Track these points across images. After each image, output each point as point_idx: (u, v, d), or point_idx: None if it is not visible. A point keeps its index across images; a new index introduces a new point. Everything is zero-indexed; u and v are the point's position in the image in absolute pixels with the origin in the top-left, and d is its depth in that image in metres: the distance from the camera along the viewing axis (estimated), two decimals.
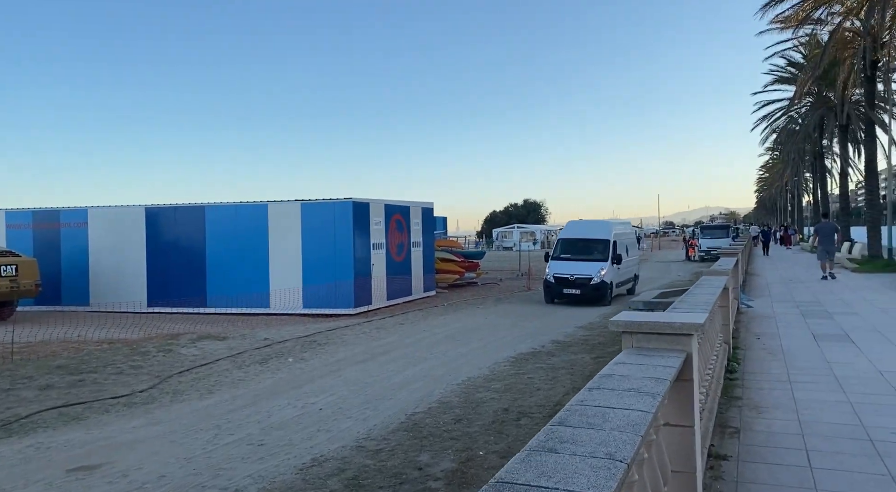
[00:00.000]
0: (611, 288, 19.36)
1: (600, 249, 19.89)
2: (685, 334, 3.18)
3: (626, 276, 21.51)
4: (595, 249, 20.03)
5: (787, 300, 14.77)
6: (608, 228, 20.73)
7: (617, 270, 19.94)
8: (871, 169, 27.88)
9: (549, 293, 19.93)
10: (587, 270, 19.21)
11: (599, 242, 20.17)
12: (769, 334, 10.06)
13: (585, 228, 21.48)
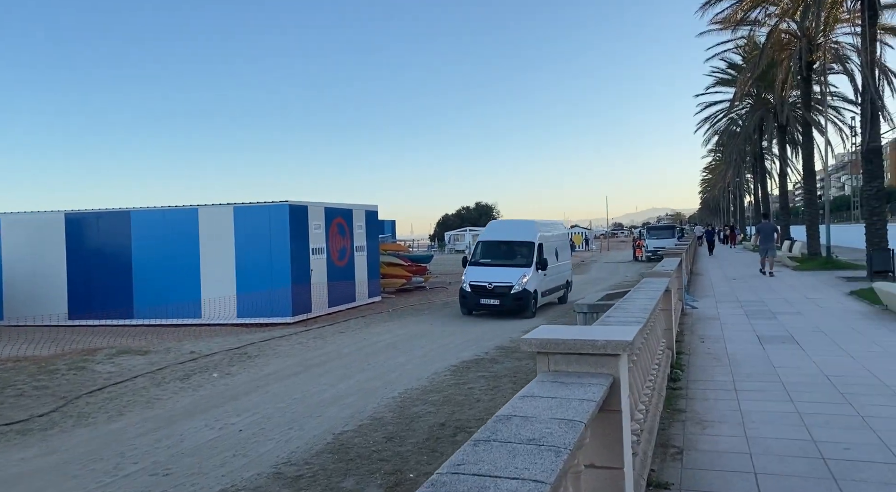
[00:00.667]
0: (535, 297, 17.38)
1: (524, 253, 17.89)
2: (611, 355, 2.60)
3: (556, 283, 19.47)
4: (518, 253, 18.05)
5: (731, 300, 14.62)
6: (532, 229, 18.57)
7: (543, 276, 17.97)
8: (808, 169, 28.47)
9: (465, 304, 17.70)
10: (507, 277, 17.07)
11: (523, 245, 18.12)
12: (714, 337, 9.73)
13: (507, 229, 19.22)
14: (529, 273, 17.21)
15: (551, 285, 18.87)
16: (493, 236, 18.99)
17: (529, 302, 17.04)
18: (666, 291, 7.62)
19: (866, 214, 18.90)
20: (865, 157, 18.37)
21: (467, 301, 17.60)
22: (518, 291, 16.90)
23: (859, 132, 22.70)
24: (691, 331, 10.46)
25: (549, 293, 18.79)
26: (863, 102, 18.01)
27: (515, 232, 18.69)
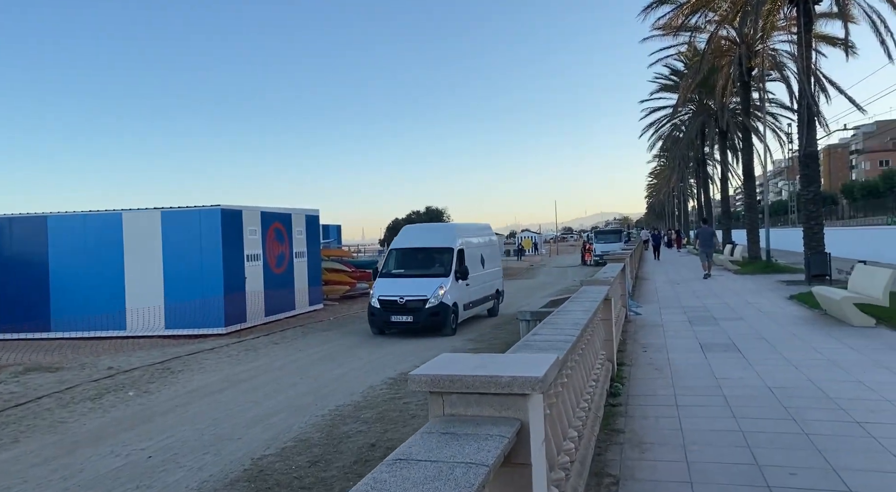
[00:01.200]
0: (455, 311, 15.39)
1: (442, 262, 15.91)
2: (519, 395, 2.07)
3: (482, 293, 17.46)
4: (435, 261, 16.06)
5: (675, 306, 14.48)
6: (451, 234, 16.64)
7: (465, 287, 16.00)
8: (748, 173, 29.01)
9: (374, 322, 15.46)
10: (422, 289, 15.05)
11: (440, 253, 16.12)
12: (656, 346, 9.43)
13: (423, 235, 17.11)
14: (447, 284, 15.24)
15: (476, 297, 16.97)
16: (406, 243, 16.86)
17: (448, 317, 15.01)
18: (605, 300, 7.23)
19: (804, 218, 19.19)
20: (802, 161, 18.64)
21: (376, 319, 15.35)
22: (434, 305, 14.84)
23: (796, 138, 23.19)
24: (634, 339, 10.14)
25: (475, 306, 16.91)
26: (799, 108, 18.29)
27: (432, 238, 16.72)
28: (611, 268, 10.84)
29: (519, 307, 15.99)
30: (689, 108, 42.16)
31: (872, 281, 10.73)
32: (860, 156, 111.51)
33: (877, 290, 10.31)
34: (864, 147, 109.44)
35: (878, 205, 73.48)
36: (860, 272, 11.75)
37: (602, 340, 7.09)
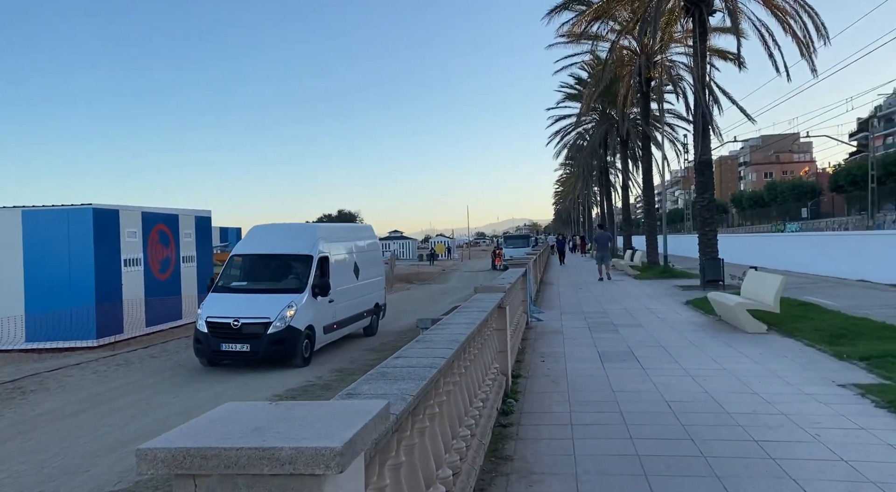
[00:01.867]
0: (310, 336, 12.16)
1: (297, 273, 12.69)
2: (309, 476, 1.37)
3: (353, 310, 14.30)
4: (288, 272, 12.88)
5: (576, 311, 14.30)
6: (311, 236, 13.23)
7: (327, 305, 12.83)
8: (647, 181, 29.87)
9: (201, 351, 12.04)
10: (263, 309, 11.80)
11: (296, 261, 12.88)
12: (555, 355, 9.02)
13: (275, 237, 13.60)
14: (300, 301, 12.01)
15: (345, 315, 13.81)
16: (251, 248, 13.39)
17: (297, 344, 11.71)
18: (499, 308, 6.68)
19: (699, 224, 19.73)
20: (698, 169, 19.16)
21: (203, 347, 11.93)
22: (279, 329, 11.54)
23: (692, 148, 24.00)
24: (533, 348, 9.72)
25: (342, 326, 13.76)
26: (695, 117, 18.79)
27: (285, 242, 13.27)
28: (510, 274, 10.39)
29: (427, 314, 15.31)
30: (593, 118, 43.24)
31: (763, 287, 10.86)
32: (747, 167, 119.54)
33: (768, 296, 10.42)
34: (750, 159, 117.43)
35: (764, 214, 78.87)
36: (752, 278, 11.94)
37: (495, 351, 6.53)
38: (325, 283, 12.71)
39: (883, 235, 23.67)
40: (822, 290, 17.49)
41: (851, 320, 10.41)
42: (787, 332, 10.09)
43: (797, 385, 6.69)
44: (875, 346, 8.36)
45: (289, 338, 11.68)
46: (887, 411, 5.59)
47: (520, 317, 10.79)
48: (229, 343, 11.73)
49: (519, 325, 10.25)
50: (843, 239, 25.13)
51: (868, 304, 14.07)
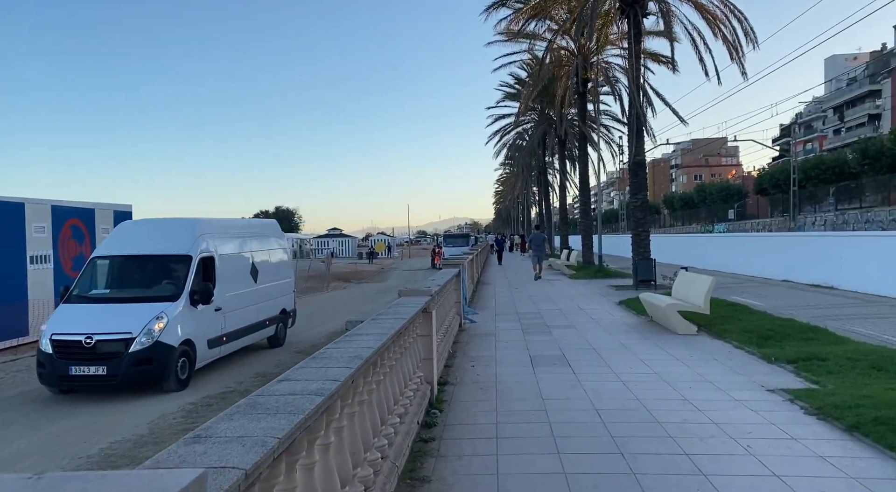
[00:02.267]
0: (186, 354, 9.86)
1: (171, 277, 10.48)
2: None
3: (251, 319, 12.11)
4: (161, 276, 10.69)
5: (510, 312, 14.06)
6: (190, 233, 10.93)
7: (212, 314, 10.65)
8: (583, 181, 30.15)
9: (45, 377, 9.67)
10: (124, 321, 9.56)
11: (171, 263, 10.65)
12: (486, 359, 8.68)
13: (146, 235, 11.27)
14: (174, 311, 9.80)
15: (239, 324, 11.65)
16: (115, 249, 11.03)
17: (169, 364, 9.47)
18: (424, 313, 6.26)
19: (632, 224, 19.90)
20: (632, 169, 19.32)
21: (46, 372, 9.58)
22: (144, 346, 9.35)
23: (626, 150, 24.27)
24: (464, 352, 9.36)
25: (236, 338, 11.61)
26: (629, 118, 18.93)
27: (157, 240, 10.99)
28: (441, 275, 10.00)
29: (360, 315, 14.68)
30: (532, 117, 43.51)
31: (694, 288, 10.86)
32: (679, 170, 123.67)
33: (698, 298, 10.41)
34: (682, 162, 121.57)
35: (694, 215, 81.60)
36: (683, 279, 11.96)
37: (419, 359, 6.12)
38: (207, 288, 10.47)
39: (804, 237, 24.58)
40: (749, 290, 17.93)
41: (778, 321, 10.52)
42: (717, 333, 10.09)
43: (727, 391, 6.56)
44: (801, 348, 8.40)
45: (158, 357, 9.42)
46: (816, 418, 5.48)
47: (452, 320, 10.43)
48: (80, 366, 9.34)
49: (451, 328, 9.88)
50: (769, 240, 26.00)
51: (792, 304, 14.42)
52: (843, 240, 18.04)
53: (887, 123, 67.54)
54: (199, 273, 10.50)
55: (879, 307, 13.51)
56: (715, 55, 20.26)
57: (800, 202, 51.65)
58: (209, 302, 10.53)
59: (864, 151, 50.32)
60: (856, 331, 10.37)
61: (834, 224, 43.39)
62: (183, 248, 10.69)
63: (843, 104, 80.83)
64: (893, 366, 6.95)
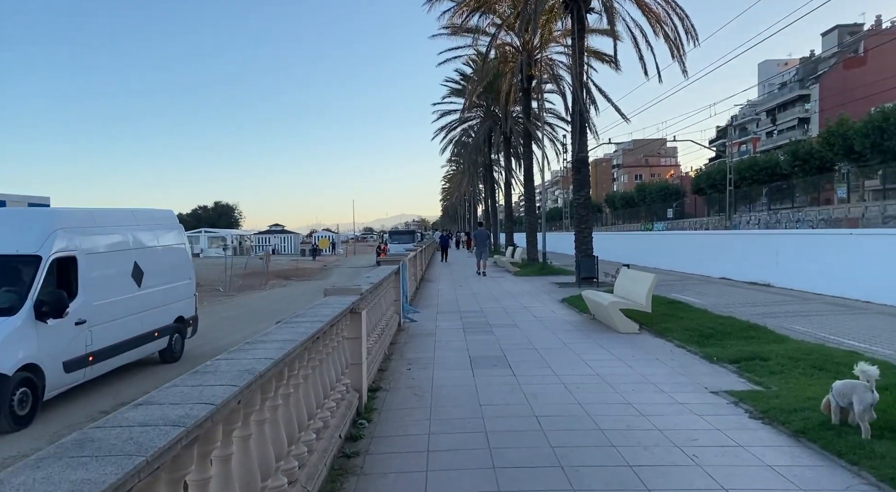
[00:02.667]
0: (30, 383, 7.78)
1: (10, 283, 8.41)
2: None
3: (129, 332, 10.01)
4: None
5: (452, 310, 13.66)
6: (41, 227, 8.81)
7: (71, 329, 8.59)
8: (528, 178, 30.09)
9: None
10: None
11: (12, 265, 8.57)
12: (424, 361, 8.23)
13: None
14: (9, 328, 7.75)
15: (115, 339, 9.62)
16: None
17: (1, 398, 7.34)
18: (352, 314, 5.75)
19: (575, 222, 19.84)
20: (575, 166, 19.23)
21: None
22: None
23: (570, 148, 24.25)
24: (402, 353, 8.88)
25: (109, 356, 9.52)
26: (573, 115, 18.82)
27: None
28: (378, 272, 9.48)
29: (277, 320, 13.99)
30: (478, 114, 43.35)
31: (636, 286, 10.70)
32: (620, 170, 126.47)
33: (640, 295, 10.23)
34: (623, 162, 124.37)
35: (634, 213, 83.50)
36: (625, 277, 11.81)
37: (345, 365, 5.61)
38: (59, 297, 8.25)
39: (741, 236, 25.14)
40: (690, 288, 18.10)
41: (719, 320, 10.46)
42: (659, 331, 9.94)
43: (671, 393, 6.31)
44: (743, 347, 8.28)
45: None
46: (762, 422, 5.25)
47: (390, 319, 9.94)
48: None
49: (388, 328, 9.39)
50: (707, 239, 26.51)
51: (731, 301, 14.54)
52: (779, 238, 18.47)
53: (816, 126, 70.56)
54: (51, 278, 8.42)
55: (814, 305, 13.76)
56: (657, 53, 20.45)
57: (735, 202, 53.33)
58: (63, 315, 8.37)
59: (795, 153, 52.38)
60: (794, 329, 10.42)
61: (767, 223, 44.95)
62: (30, 245, 8.53)
63: (776, 107, 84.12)
64: (833, 365, 6.85)
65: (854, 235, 14.40)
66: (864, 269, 13.82)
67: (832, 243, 15.41)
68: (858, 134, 43.32)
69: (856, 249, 14.18)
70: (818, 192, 50.67)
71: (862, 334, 9.92)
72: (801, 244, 16.98)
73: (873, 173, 47.68)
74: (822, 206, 45.03)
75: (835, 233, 17.20)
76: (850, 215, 35.16)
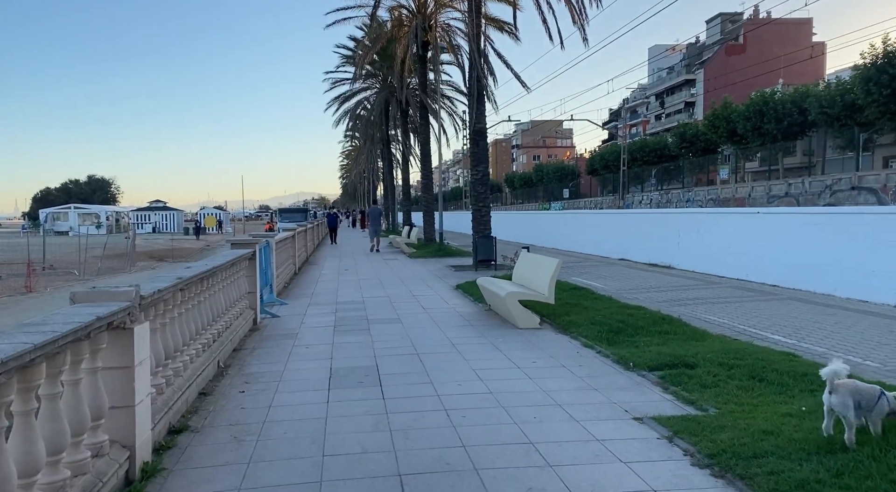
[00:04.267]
0: None
1: None
2: None
3: None
4: None
5: (329, 301, 11.71)
6: None
7: None
8: (425, 153, 28.33)
9: None
10: None
11: None
12: (267, 378, 6.29)
13: None
14: None
15: None
16: None
17: None
18: (116, 329, 3.72)
19: (472, 199, 18.30)
20: (472, 138, 17.63)
21: None
22: None
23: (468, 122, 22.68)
24: (243, 364, 6.87)
25: None
26: (470, 80, 17.14)
27: None
28: (217, 258, 7.34)
29: None
30: (374, 85, 40.99)
31: (537, 273, 9.22)
32: (519, 150, 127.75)
33: (542, 284, 8.75)
34: (521, 143, 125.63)
35: (532, 193, 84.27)
36: (525, 261, 10.33)
37: (103, 410, 3.60)
38: None
39: (640, 215, 24.63)
40: (589, 270, 17.10)
41: (627, 310, 9.17)
42: (563, 326, 8.52)
43: (584, 422, 4.76)
44: (660, 347, 6.94)
45: None
46: (712, 476, 3.77)
47: (235, 319, 7.87)
48: None
49: (230, 332, 7.33)
50: (606, 218, 25.86)
51: (635, 286, 13.53)
52: (681, 218, 17.77)
53: (700, 109, 73.54)
54: None
55: (721, 290, 12.91)
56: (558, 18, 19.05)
57: (627, 182, 54.31)
58: None
59: (683, 135, 53.93)
60: (709, 319, 9.34)
61: (659, 202, 45.84)
62: None
63: (664, 91, 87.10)
64: (774, 374, 5.60)
65: (762, 214, 13.72)
66: (773, 250, 13.13)
67: (736, 223, 14.71)
68: (741, 117, 44.89)
69: (764, 229, 13.45)
70: (704, 173, 52.50)
71: (784, 327, 8.94)
72: (703, 224, 16.26)
73: (752, 155, 49.90)
74: (708, 186, 46.48)
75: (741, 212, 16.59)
76: (737, 195, 36.15)
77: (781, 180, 34.97)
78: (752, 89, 51.58)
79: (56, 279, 26.73)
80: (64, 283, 25.30)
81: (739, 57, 72.28)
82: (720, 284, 13.58)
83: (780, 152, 44.76)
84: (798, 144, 47.38)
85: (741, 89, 56.06)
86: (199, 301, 6.15)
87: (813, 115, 39.68)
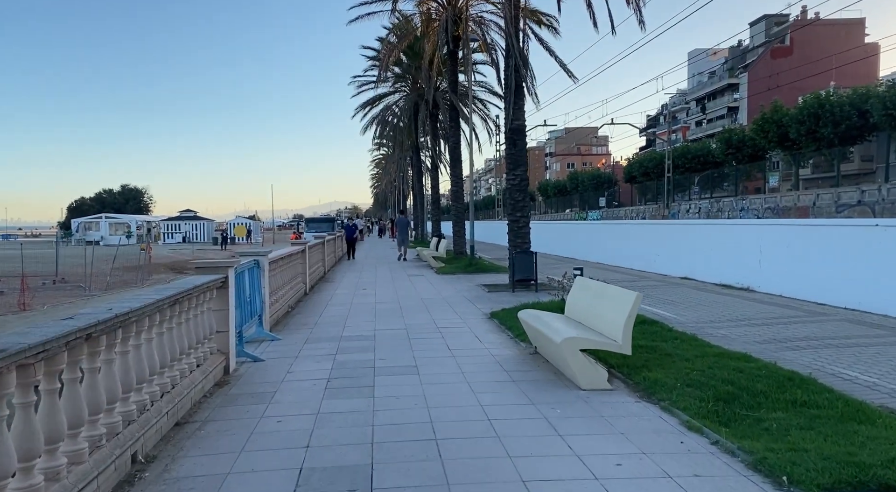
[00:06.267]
0: None
1: None
2: None
3: None
4: None
5: (331, 336, 9.41)
6: None
7: None
8: (455, 159, 26.04)
9: None
10: None
11: None
12: (208, 483, 3.99)
13: None
14: None
15: None
16: None
17: None
18: None
19: (509, 208, 15.88)
20: (509, 138, 15.23)
21: None
22: None
23: (503, 126, 20.35)
24: (174, 458, 4.60)
25: None
26: (507, 70, 14.76)
27: None
28: (171, 287, 5.15)
29: None
30: (402, 88, 38.99)
31: (603, 308, 6.78)
32: (552, 158, 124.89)
33: (613, 326, 6.31)
34: (555, 150, 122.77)
35: (567, 202, 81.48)
36: (584, 290, 7.89)
37: None
38: None
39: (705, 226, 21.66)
40: (651, 293, 14.48)
41: (731, 362, 6.63)
42: (644, 387, 6.06)
43: None
44: (815, 440, 4.44)
45: None
46: None
47: (179, 378, 5.63)
48: None
49: (170, 397, 5.09)
50: (662, 229, 22.94)
51: (717, 316, 10.90)
52: (762, 229, 14.86)
53: (744, 114, 70.08)
54: None
55: (834, 325, 10.07)
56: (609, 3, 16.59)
57: (672, 190, 51.32)
58: None
59: (728, 140, 50.82)
60: (848, 376, 6.76)
61: (709, 212, 42.73)
62: None
63: (706, 96, 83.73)
64: None
65: (881, 226, 10.97)
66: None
67: (845, 236, 11.82)
68: (793, 121, 41.80)
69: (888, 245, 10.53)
70: (751, 180, 49.28)
71: None
72: (796, 237, 13.35)
73: (805, 161, 46.52)
74: (755, 194, 43.33)
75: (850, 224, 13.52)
76: (799, 204, 32.95)
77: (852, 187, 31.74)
78: (800, 93, 48.32)
79: (62, 295, 25.18)
80: (67, 299, 23.69)
81: (786, 59, 68.64)
82: (828, 316, 10.81)
83: (837, 158, 41.45)
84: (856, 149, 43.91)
85: (788, 93, 52.72)
86: (94, 366, 3.92)
87: (875, 118, 36.47)
